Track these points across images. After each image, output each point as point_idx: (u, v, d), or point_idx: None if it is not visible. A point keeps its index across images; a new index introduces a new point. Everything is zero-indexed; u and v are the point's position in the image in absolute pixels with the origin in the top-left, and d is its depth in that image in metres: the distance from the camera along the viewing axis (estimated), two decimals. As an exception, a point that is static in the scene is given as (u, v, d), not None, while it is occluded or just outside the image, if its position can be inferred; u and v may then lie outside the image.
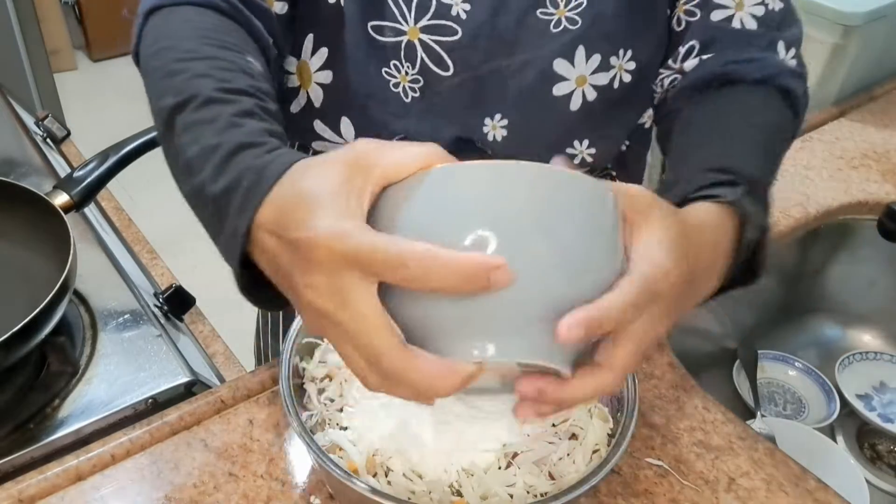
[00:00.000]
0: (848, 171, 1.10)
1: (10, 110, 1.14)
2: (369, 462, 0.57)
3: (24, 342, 0.68)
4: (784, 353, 1.06)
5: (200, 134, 0.50)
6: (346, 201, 0.42)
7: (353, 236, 0.40)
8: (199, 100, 0.51)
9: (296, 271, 0.43)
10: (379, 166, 0.43)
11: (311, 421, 0.60)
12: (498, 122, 0.75)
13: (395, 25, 0.70)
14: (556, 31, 0.70)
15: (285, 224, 0.43)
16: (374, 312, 0.41)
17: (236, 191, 0.46)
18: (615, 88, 0.75)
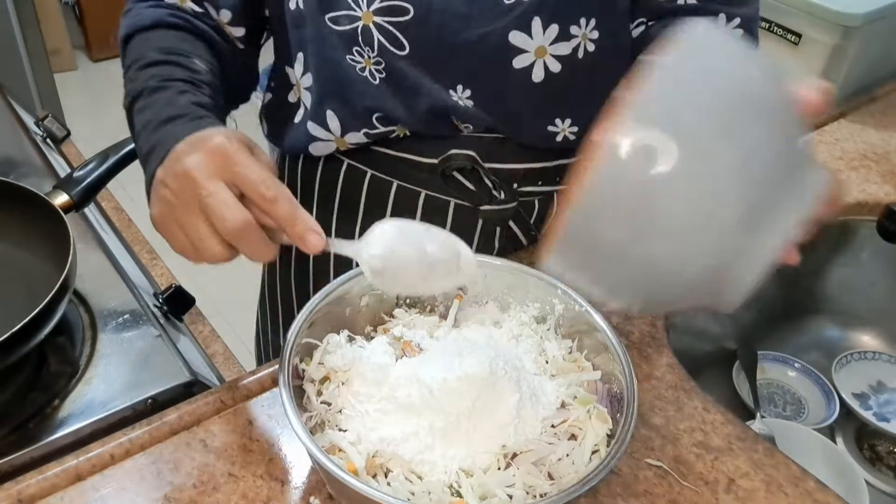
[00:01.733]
0: (848, 171, 1.10)
1: (10, 110, 1.14)
2: (369, 463, 0.57)
3: (24, 342, 0.68)
4: (784, 353, 1.06)
5: (144, 114, 0.67)
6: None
7: (241, 152, 0.58)
8: (147, 92, 0.68)
9: (181, 158, 0.58)
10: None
11: (310, 422, 0.60)
12: (462, 93, 0.76)
13: (349, 13, 0.72)
14: (509, 3, 0.71)
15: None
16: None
17: (154, 150, 0.63)
18: (580, 58, 0.75)
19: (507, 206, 0.84)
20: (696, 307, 0.43)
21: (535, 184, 0.85)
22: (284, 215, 0.56)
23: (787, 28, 1.28)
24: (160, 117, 0.64)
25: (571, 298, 0.67)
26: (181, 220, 0.57)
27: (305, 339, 0.63)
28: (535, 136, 0.81)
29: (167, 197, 0.58)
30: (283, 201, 0.56)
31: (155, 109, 0.66)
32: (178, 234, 0.58)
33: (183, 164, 0.57)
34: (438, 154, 0.82)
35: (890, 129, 1.21)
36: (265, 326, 1.05)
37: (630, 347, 0.79)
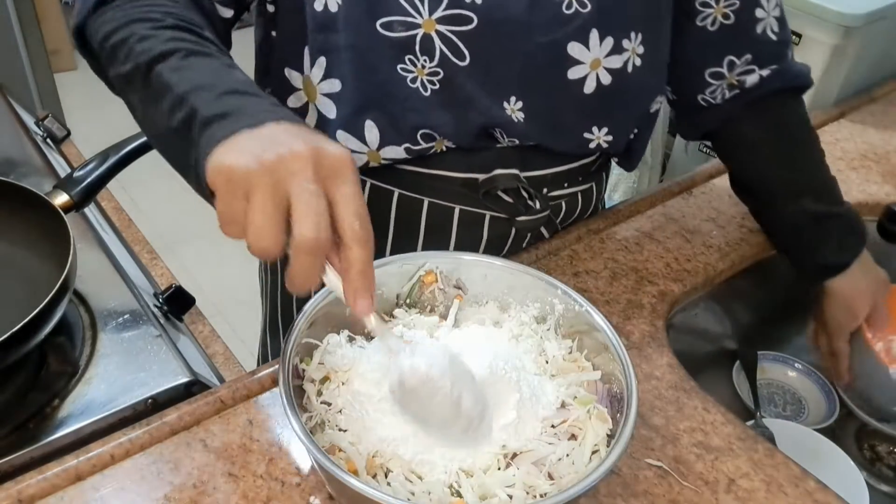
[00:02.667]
0: (848, 171, 1.10)
1: (10, 110, 1.14)
2: (369, 463, 0.57)
3: (24, 342, 0.68)
4: (784, 353, 1.06)
5: (191, 76, 0.57)
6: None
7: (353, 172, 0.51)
8: (182, 53, 0.58)
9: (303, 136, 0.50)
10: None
11: (310, 422, 0.60)
12: (514, 105, 0.75)
13: (407, 19, 0.70)
14: (569, 14, 0.71)
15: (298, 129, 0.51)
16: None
17: (234, 116, 0.53)
18: (629, 72, 0.76)
19: (541, 216, 0.85)
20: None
21: (561, 186, 0.86)
22: (358, 262, 0.49)
23: (787, 28, 1.27)
24: (226, 85, 0.55)
25: (571, 298, 0.67)
26: (257, 191, 0.48)
27: (305, 339, 0.63)
28: (572, 145, 0.82)
29: (256, 163, 0.48)
30: (366, 247, 0.50)
31: (208, 73, 0.57)
32: (239, 199, 0.48)
33: (294, 145, 0.48)
34: (472, 167, 0.81)
35: (890, 129, 1.21)
36: (264, 327, 1.05)
37: (630, 347, 0.79)
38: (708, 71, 0.85)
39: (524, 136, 0.79)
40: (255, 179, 0.47)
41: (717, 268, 0.91)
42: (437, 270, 0.70)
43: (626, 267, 0.89)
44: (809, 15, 1.23)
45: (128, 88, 0.61)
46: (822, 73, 1.26)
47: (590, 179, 0.89)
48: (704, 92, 0.87)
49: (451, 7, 0.69)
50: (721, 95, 0.87)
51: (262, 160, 0.47)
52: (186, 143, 0.54)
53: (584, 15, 0.72)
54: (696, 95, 0.88)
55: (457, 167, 0.81)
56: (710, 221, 0.98)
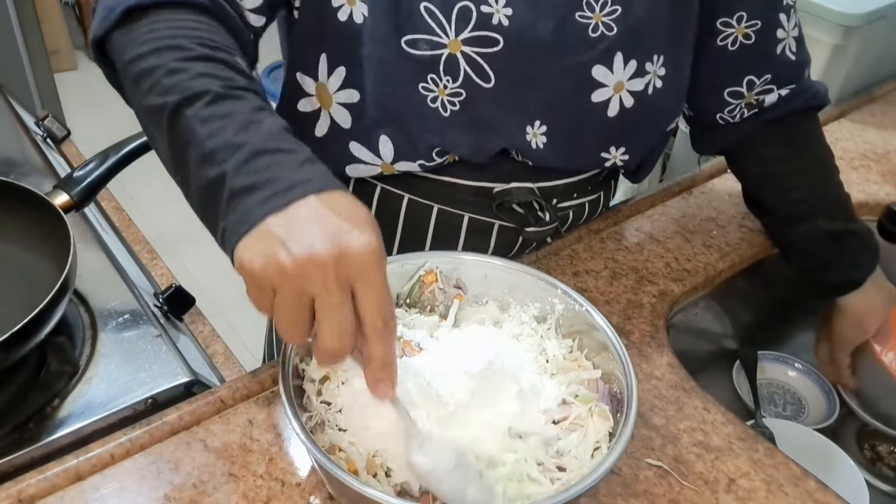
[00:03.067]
0: (848, 171, 1.10)
1: (10, 110, 1.14)
2: (369, 463, 0.57)
3: (24, 342, 0.68)
4: (784, 353, 1.06)
5: (220, 128, 0.53)
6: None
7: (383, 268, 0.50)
8: (210, 96, 0.54)
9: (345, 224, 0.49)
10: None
11: (310, 422, 0.60)
12: (538, 129, 0.75)
13: (433, 38, 0.69)
14: (595, 37, 0.71)
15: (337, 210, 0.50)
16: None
17: (261, 189, 0.51)
18: (650, 94, 0.76)
19: (549, 227, 0.85)
20: None
21: (571, 197, 0.87)
22: (380, 358, 0.51)
23: (787, 28, 1.27)
24: (254, 143, 0.53)
25: (571, 298, 0.67)
26: (281, 293, 0.49)
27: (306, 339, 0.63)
28: (589, 164, 0.82)
29: (278, 270, 0.48)
30: (389, 343, 0.51)
31: (237, 127, 0.54)
32: (266, 294, 0.49)
33: (317, 247, 0.48)
34: (483, 177, 0.81)
35: (890, 129, 1.21)
36: (270, 324, 1.05)
37: (630, 347, 0.79)
38: (727, 90, 0.85)
39: (541, 160, 0.79)
40: (277, 283, 0.48)
41: (717, 268, 0.91)
42: (437, 270, 0.70)
43: (626, 267, 0.89)
44: (809, 14, 1.23)
45: (151, 121, 0.58)
46: (822, 73, 1.26)
47: (598, 189, 0.90)
48: (723, 111, 0.87)
49: (478, 28, 0.69)
50: (740, 114, 0.87)
51: (283, 266, 0.48)
52: (213, 206, 0.53)
53: (611, 38, 0.71)
54: (714, 114, 0.88)
55: (469, 176, 0.81)
56: (710, 221, 0.98)
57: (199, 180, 0.54)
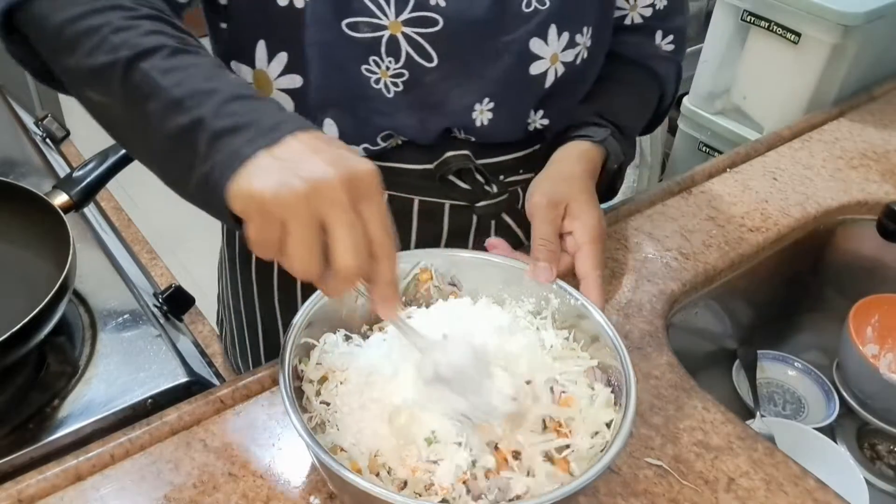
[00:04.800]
0: (847, 171, 1.10)
1: (10, 110, 1.14)
2: (371, 462, 0.57)
3: (24, 342, 0.68)
4: (784, 353, 1.06)
5: (185, 77, 0.53)
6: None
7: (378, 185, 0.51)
8: (168, 50, 0.55)
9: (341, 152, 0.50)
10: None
11: (311, 423, 0.60)
12: (485, 105, 0.76)
13: (373, 20, 0.70)
14: (529, 11, 0.73)
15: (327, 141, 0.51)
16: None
17: (247, 128, 0.51)
18: (577, 64, 0.79)
19: (500, 199, 0.85)
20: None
21: (517, 172, 0.86)
22: (387, 275, 0.52)
23: (786, 27, 1.28)
24: (226, 90, 0.53)
25: (567, 292, 0.67)
26: (293, 221, 0.48)
27: (304, 339, 0.63)
28: (516, 131, 0.83)
29: (290, 192, 0.47)
30: (393, 260, 0.52)
31: (202, 76, 0.54)
32: (275, 228, 0.48)
33: (323, 170, 0.48)
34: (430, 159, 0.81)
35: (889, 129, 1.21)
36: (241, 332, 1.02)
37: (630, 347, 0.79)
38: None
39: (485, 136, 0.80)
40: (290, 209, 0.47)
41: (717, 267, 0.91)
42: (432, 268, 0.70)
43: (626, 266, 0.89)
44: (809, 14, 1.23)
45: (93, 83, 0.57)
46: (822, 73, 1.26)
47: (542, 163, 0.89)
48: None
49: (416, 9, 0.69)
50: None
51: (295, 189, 0.47)
52: (186, 152, 0.52)
53: (544, 11, 0.74)
54: None
55: (413, 159, 0.81)
56: (709, 221, 0.98)
57: (166, 129, 0.53)
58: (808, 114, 1.26)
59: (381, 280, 0.52)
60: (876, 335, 0.99)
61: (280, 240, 0.49)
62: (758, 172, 1.08)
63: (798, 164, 1.10)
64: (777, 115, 1.35)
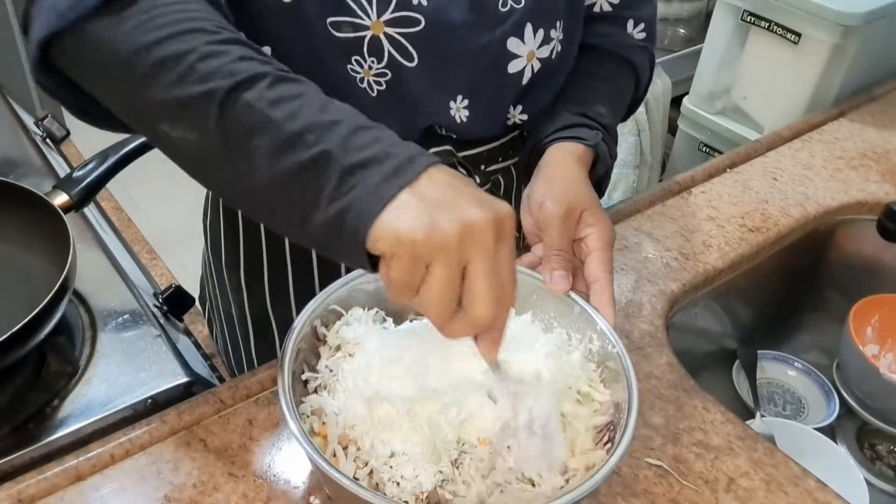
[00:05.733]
0: (847, 171, 1.10)
1: (10, 110, 1.14)
2: (342, 436, 0.58)
3: (24, 342, 0.68)
4: (784, 353, 1.06)
5: (298, 108, 0.50)
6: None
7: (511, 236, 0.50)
8: (270, 78, 0.50)
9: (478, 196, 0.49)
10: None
11: (313, 383, 0.62)
12: (460, 103, 0.77)
13: (355, 20, 0.70)
14: (505, 11, 0.74)
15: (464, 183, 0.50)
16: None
17: (380, 163, 0.49)
18: (552, 59, 0.80)
19: (484, 189, 0.84)
20: None
21: (496, 161, 0.87)
22: (502, 324, 0.51)
23: (787, 27, 1.28)
24: (346, 121, 0.51)
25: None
26: (440, 264, 0.47)
27: (333, 306, 0.64)
28: (499, 127, 0.83)
29: (441, 235, 0.46)
30: (508, 311, 0.51)
31: (314, 106, 0.51)
32: (420, 269, 0.47)
33: (472, 213, 0.47)
34: None
35: (890, 129, 1.21)
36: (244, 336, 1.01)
37: (630, 347, 0.79)
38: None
39: (466, 133, 0.80)
40: (441, 252, 0.46)
41: (717, 267, 0.91)
42: None
43: (626, 266, 0.89)
44: (809, 14, 1.23)
45: (177, 118, 0.51)
46: (822, 73, 1.26)
47: (518, 151, 0.89)
48: None
49: (399, 9, 0.70)
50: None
51: (447, 231, 0.46)
52: (307, 191, 0.49)
53: (519, 10, 0.74)
54: None
55: None
56: (709, 221, 0.98)
57: (280, 167, 0.49)
58: (808, 114, 1.26)
59: (497, 328, 0.51)
60: (876, 335, 0.99)
61: (421, 279, 0.47)
62: (758, 172, 1.08)
63: (798, 164, 1.10)
64: (777, 115, 1.35)
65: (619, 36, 0.86)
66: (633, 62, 0.87)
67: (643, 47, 0.88)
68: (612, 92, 0.87)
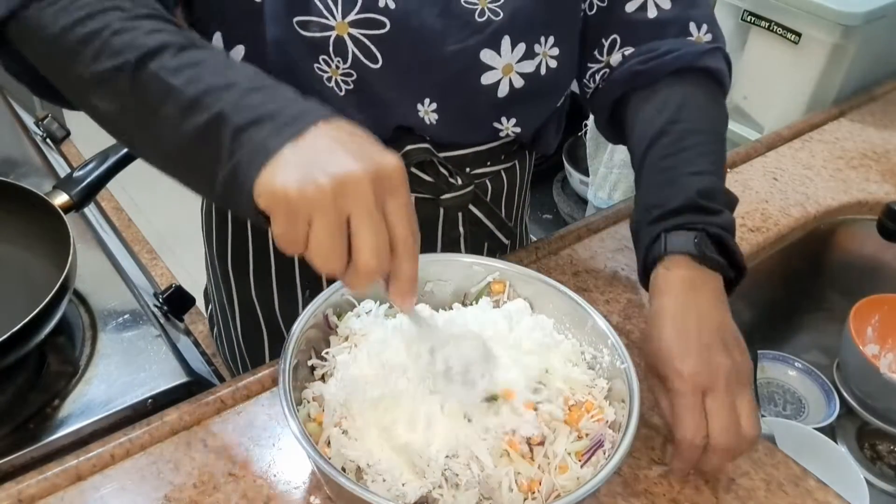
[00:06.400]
0: (848, 171, 1.10)
1: (10, 110, 1.14)
2: (338, 421, 0.59)
3: (24, 342, 0.68)
4: (784, 353, 1.06)
5: (197, 75, 0.52)
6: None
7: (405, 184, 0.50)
8: (174, 48, 0.54)
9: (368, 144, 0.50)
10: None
11: (320, 370, 0.63)
12: (428, 106, 0.76)
13: (322, 20, 0.70)
14: (482, 21, 0.73)
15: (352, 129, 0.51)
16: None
17: (272, 119, 0.50)
18: (543, 75, 0.77)
19: (465, 191, 0.85)
20: None
21: (484, 164, 0.86)
22: (408, 273, 0.52)
23: (787, 27, 1.28)
24: (242, 82, 0.52)
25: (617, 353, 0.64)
26: (319, 216, 0.48)
27: (345, 296, 0.66)
28: (484, 136, 0.83)
29: (315, 187, 0.47)
30: (415, 259, 0.52)
31: (214, 71, 0.53)
32: (301, 224, 0.48)
33: (349, 165, 0.48)
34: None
35: (890, 129, 1.21)
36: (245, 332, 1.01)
37: (630, 347, 0.78)
38: (588, 55, 0.82)
39: (436, 135, 0.79)
40: (316, 206, 0.47)
41: (717, 267, 0.91)
42: (509, 284, 0.70)
43: (627, 266, 0.89)
44: (809, 14, 1.23)
45: (99, 91, 0.55)
46: (822, 73, 1.26)
47: (512, 158, 0.88)
48: (585, 76, 0.84)
49: (364, 11, 0.70)
50: (601, 78, 0.82)
51: (321, 186, 0.47)
52: (208, 151, 0.51)
53: (497, 22, 0.73)
54: (580, 81, 0.85)
55: None
56: (709, 221, 0.98)
57: (184, 130, 0.52)
58: (808, 114, 1.26)
59: (401, 277, 0.52)
60: (876, 335, 0.99)
61: (305, 234, 0.48)
62: (758, 172, 1.08)
63: (798, 164, 1.10)
64: (777, 115, 1.35)
65: (687, 45, 0.78)
66: (712, 69, 0.78)
67: (716, 48, 0.79)
68: (707, 140, 0.74)
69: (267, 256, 0.87)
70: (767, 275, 0.99)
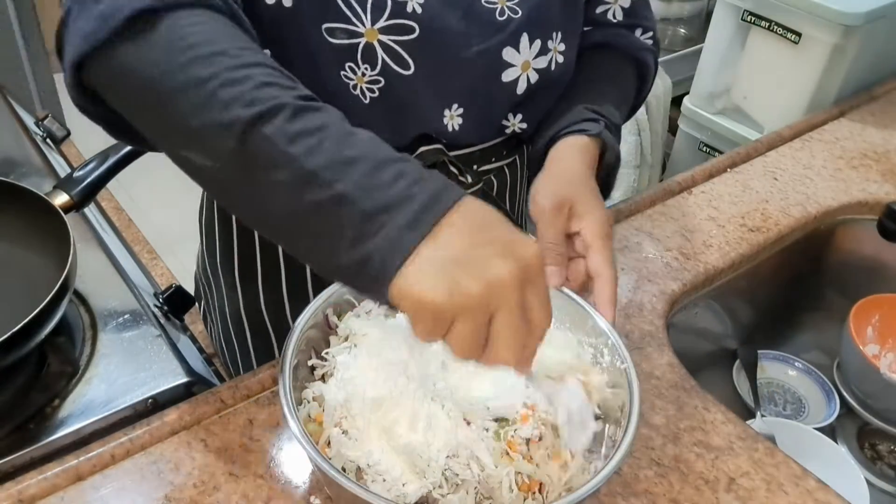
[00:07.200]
0: (848, 171, 1.10)
1: (10, 110, 1.14)
2: (338, 420, 0.58)
3: (24, 342, 0.68)
4: (784, 352, 1.06)
5: (317, 144, 0.49)
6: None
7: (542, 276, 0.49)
8: (289, 109, 0.49)
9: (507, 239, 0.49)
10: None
11: (320, 370, 0.63)
12: (455, 111, 0.77)
13: (349, 27, 0.70)
14: (502, 20, 0.74)
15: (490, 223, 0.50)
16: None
17: (402, 208, 0.47)
18: (552, 70, 0.80)
19: (475, 189, 0.85)
20: None
21: (489, 161, 0.87)
22: (533, 350, 0.51)
23: (787, 27, 1.28)
24: (365, 158, 0.49)
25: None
26: (465, 323, 0.47)
27: (345, 297, 0.66)
28: (494, 134, 0.84)
29: (463, 298, 0.46)
30: (542, 338, 0.51)
31: (334, 140, 0.49)
32: (445, 328, 0.47)
33: (496, 269, 0.46)
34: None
35: (890, 128, 1.21)
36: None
37: (630, 347, 0.79)
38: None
39: (456, 140, 0.80)
40: (465, 310, 0.46)
41: (718, 267, 0.91)
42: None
43: (626, 266, 0.89)
44: (809, 14, 1.23)
45: (196, 146, 0.51)
46: (822, 72, 1.26)
47: (513, 153, 0.89)
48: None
49: (393, 17, 0.69)
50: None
51: (470, 292, 0.46)
52: (327, 230, 0.48)
53: (517, 20, 0.75)
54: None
55: None
56: (710, 221, 0.98)
57: (302, 202, 0.48)
58: (808, 114, 1.26)
59: (528, 353, 0.51)
60: (876, 335, 0.99)
61: (446, 333, 0.48)
62: (758, 172, 1.08)
63: (798, 164, 1.10)
64: (777, 115, 1.35)
65: (631, 39, 0.89)
66: (642, 61, 0.89)
67: (651, 50, 0.90)
68: (618, 93, 0.88)
69: (277, 268, 0.87)
70: (767, 275, 0.99)
